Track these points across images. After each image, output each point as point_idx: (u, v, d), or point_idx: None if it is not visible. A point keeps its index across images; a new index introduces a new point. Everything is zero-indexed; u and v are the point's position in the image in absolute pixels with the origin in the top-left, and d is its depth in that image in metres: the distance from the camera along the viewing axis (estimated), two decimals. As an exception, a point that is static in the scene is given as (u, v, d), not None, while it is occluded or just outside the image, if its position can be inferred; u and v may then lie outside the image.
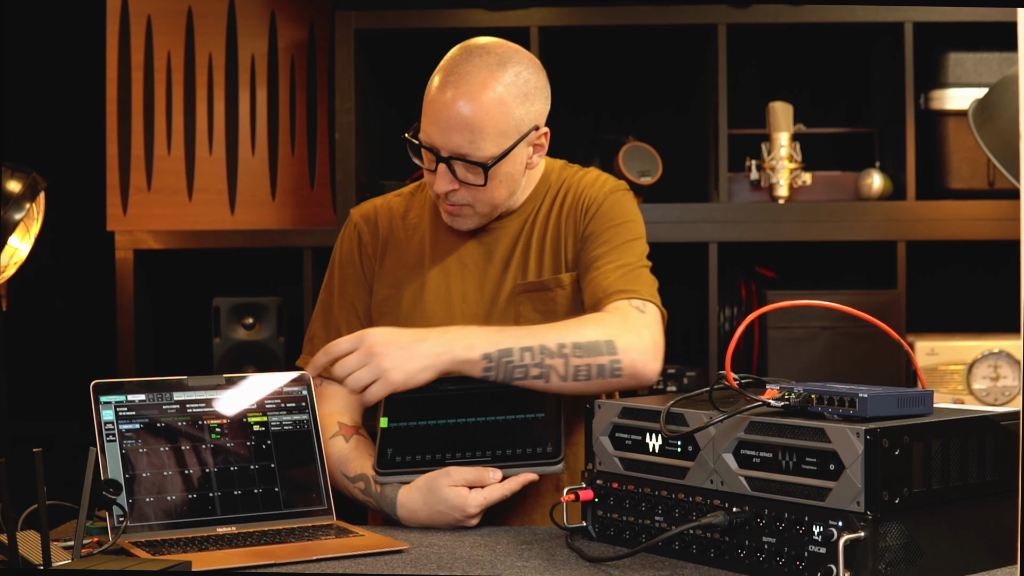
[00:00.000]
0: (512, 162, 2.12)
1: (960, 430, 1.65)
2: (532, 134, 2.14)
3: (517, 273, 2.21)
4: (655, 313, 2.11)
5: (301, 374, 2.11)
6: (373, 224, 2.28)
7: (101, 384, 1.95)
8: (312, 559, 1.79)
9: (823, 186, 3.64)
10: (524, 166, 2.16)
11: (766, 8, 3.53)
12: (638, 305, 2.09)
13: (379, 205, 2.32)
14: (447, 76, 2.09)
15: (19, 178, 2.31)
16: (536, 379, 2.01)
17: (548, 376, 2.00)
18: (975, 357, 3.36)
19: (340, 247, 2.31)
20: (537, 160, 2.19)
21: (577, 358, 2.00)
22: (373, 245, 2.27)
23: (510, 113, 2.08)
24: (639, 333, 2.05)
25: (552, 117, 2.18)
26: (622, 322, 2.05)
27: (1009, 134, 2.25)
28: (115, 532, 1.86)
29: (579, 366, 2.00)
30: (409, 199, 2.31)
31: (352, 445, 2.15)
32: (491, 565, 1.76)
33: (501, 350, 1.99)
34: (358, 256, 2.27)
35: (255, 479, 1.99)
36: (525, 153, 2.15)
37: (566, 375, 2.00)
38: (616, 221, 2.19)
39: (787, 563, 1.62)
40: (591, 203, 2.21)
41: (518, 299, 2.19)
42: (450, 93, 2.07)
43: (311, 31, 3.81)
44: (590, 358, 2.00)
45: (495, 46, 2.12)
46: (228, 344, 3.63)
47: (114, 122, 3.76)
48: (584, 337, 2.01)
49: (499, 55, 2.10)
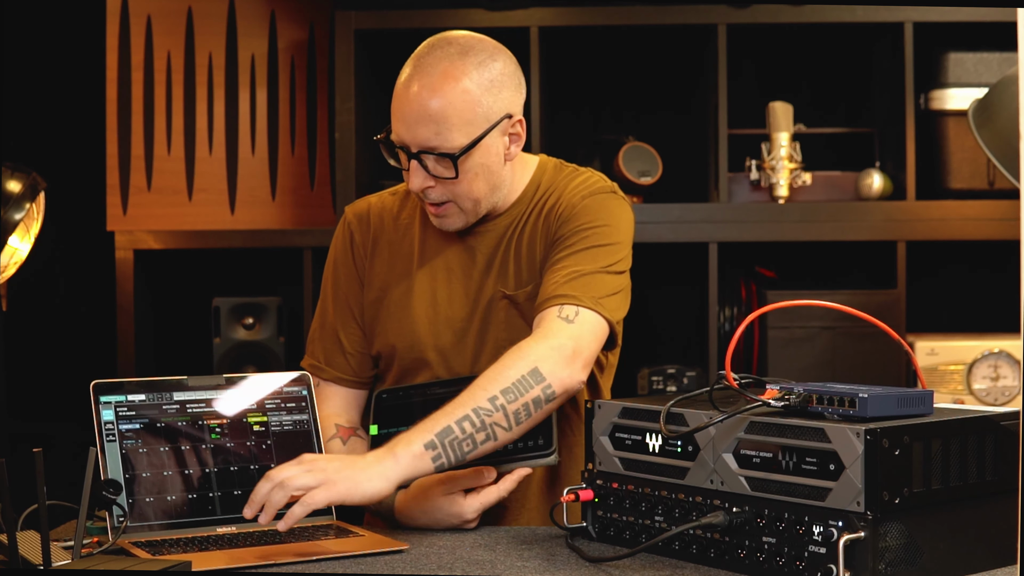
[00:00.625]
0: (485, 153, 2.07)
1: (960, 430, 1.65)
2: (504, 123, 2.08)
3: (498, 280, 2.16)
4: (587, 320, 2.01)
5: (301, 374, 2.11)
6: (365, 222, 2.27)
7: (101, 384, 1.95)
8: (312, 559, 1.79)
9: (823, 186, 3.64)
10: (501, 157, 2.10)
11: (766, 8, 3.53)
12: (567, 313, 2.00)
13: (373, 203, 2.29)
14: (412, 70, 2.06)
15: (19, 178, 2.31)
16: (485, 443, 1.90)
17: (495, 435, 1.90)
18: (975, 357, 3.36)
19: (335, 245, 2.29)
20: (515, 151, 2.13)
21: (512, 403, 1.91)
22: (364, 244, 2.25)
23: (476, 101, 2.03)
24: (559, 348, 1.96)
25: (552, 117, 2.17)
26: (542, 340, 1.98)
27: (1009, 134, 2.25)
28: (115, 532, 1.86)
29: (517, 410, 1.91)
30: (404, 198, 2.28)
31: (349, 448, 2.15)
32: (491, 565, 1.76)
33: (439, 432, 1.86)
34: (351, 254, 2.26)
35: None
36: (500, 144, 2.09)
37: (510, 425, 1.91)
38: (587, 225, 2.11)
39: (787, 563, 1.62)
40: (566, 207, 2.13)
41: (499, 305, 2.15)
42: (415, 87, 2.03)
43: (311, 31, 3.81)
44: (523, 397, 1.92)
45: (459, 37, 2.08)
46: (228, 344, 3.63)
47: (114, 122, 3.76)
48: (510, 379, 1.92)
49: (461, 45, 2.06)
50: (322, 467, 1.82)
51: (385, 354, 2.21)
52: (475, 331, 2.16)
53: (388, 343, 2.19)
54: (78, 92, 3.95)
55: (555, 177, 2.20)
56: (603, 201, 2.15)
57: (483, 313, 2.16)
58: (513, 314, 2.15)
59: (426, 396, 2.11)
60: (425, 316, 2.18)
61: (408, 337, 2.18)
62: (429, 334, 2.17)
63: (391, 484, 1.82)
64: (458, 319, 2.17)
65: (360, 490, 1.80)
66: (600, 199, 2.15)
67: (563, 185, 2.17)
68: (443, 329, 2.17)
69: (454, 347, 2.17)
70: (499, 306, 2.15)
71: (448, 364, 2.17)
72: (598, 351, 2.06)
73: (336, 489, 1.79)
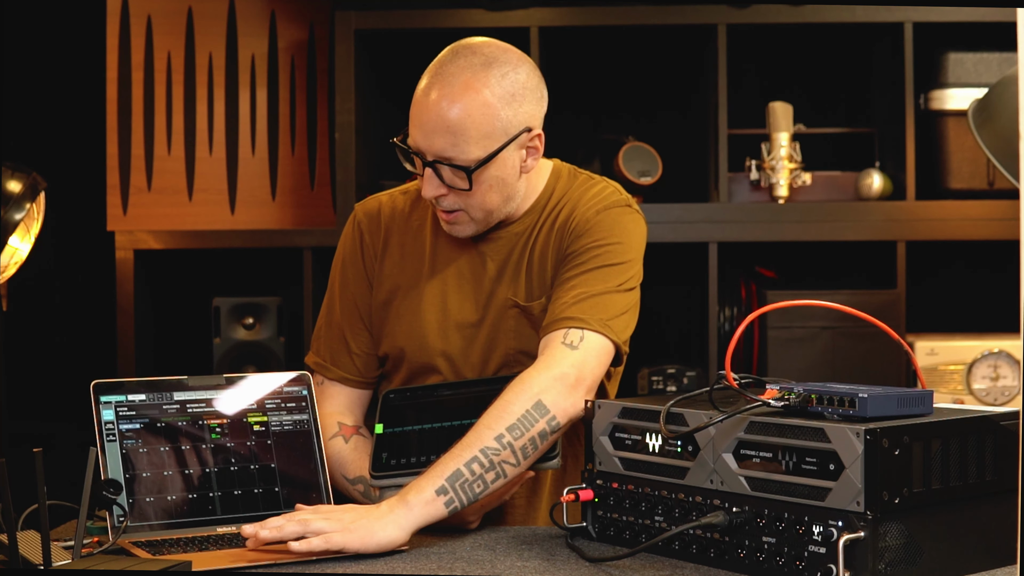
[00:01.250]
0: (501, 166, 2.04)
1: (960, 430, 1.65)
2: (523, 136, 2.05)
3: (509, 288, 2.14)
4: (592, 345, 2.00)
5: (301, 374, 2.11)
6: (376, 221, 2.24)
7: (101, 384, 1.95)
8: (312, 559, 1.79)
9: (823, 186, 3.64)
10: (517, 170, 2.07)
11: (766, 8, 3.53)
12: (572, 339, 1.99)
13: (384, 202, 2.26)
14: (432, 78, 2.03)
15: (19, 178, 2.31)
16: (495, 481, 1.90)
17: (504, 472, 1.90)
18: (975, 357, 3.36)
19: (343, 244, 2.27)
20: (532, 164, 2.10)
21: (519, 439, 1.90)
22: (374, 243, 2.23)
23: (495, 115, 2.00)
24: (562, 378, 1.95)
25: (552, 117, 2.16)
26: (545, 370, 1.97)
27: (1009, 134, 2.25)
28: (115, 532, 1.86)
29: (524, 445, 1.91)
30: (415, 199, 2.25)
31: (352, 446, 2.15)
32: (491, 565, 1.76)
33: (449, 477, 1.86)
34: (360, 253, 2.24)
35: (255, 479, 1.99)
36: (517, 157, 2.06)
37: (518, 460, 1.91)
38: (600, 242, 2.09)
39: (787, 563, 1.62)
40: (580, 221, 2.10)
41: (509, 313, 2.14)
42: (434, 95, 2.00)
43: (311, 31, 3.81)
44: (529, 432, 1.91)
45: (483, 46, 2.04)
46: (228, 344, 3.63)
47: (114, 122, 3.76)
48: (514, 415, 1.91)
49: (485, 55, 2.02)
50: (339, 516, 1.83)
51: (393, 355, 2.20)
52: (484, 337, 2.15)
53: (396, 345, 2.19)
54: (78, 92, 3.95)
55: (569, 185, 2.17)
56: (617, 216, 2.12)
57: (493, 320, 2.15)
58: (523, 323, 2.13)
59: (433, 398, 2.11)
60: (435, 321, 2.17)
61: (417, 340, 2.17)
62: (438, 339, 2.16)
63: (405, 532, 1.83)
64: (467, 325, 2.16)
65: (375, 539, 1.81)
66: (615, 214, 2.12)
67: (577, 196, 2.14)
68: (452, 334, 2.16)
69: (462, 352, 2.16)
70: (509, 314, 2.14)
71: (456, 369, 2.16)
72: (603, 373, 2.05)
73: (352, 537, 1.80)
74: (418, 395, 2.13)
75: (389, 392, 2.15)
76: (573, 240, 2.10)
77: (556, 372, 1.96)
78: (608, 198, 2.14)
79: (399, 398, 2.14)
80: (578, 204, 2.13)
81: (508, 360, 2.13)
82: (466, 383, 2.11)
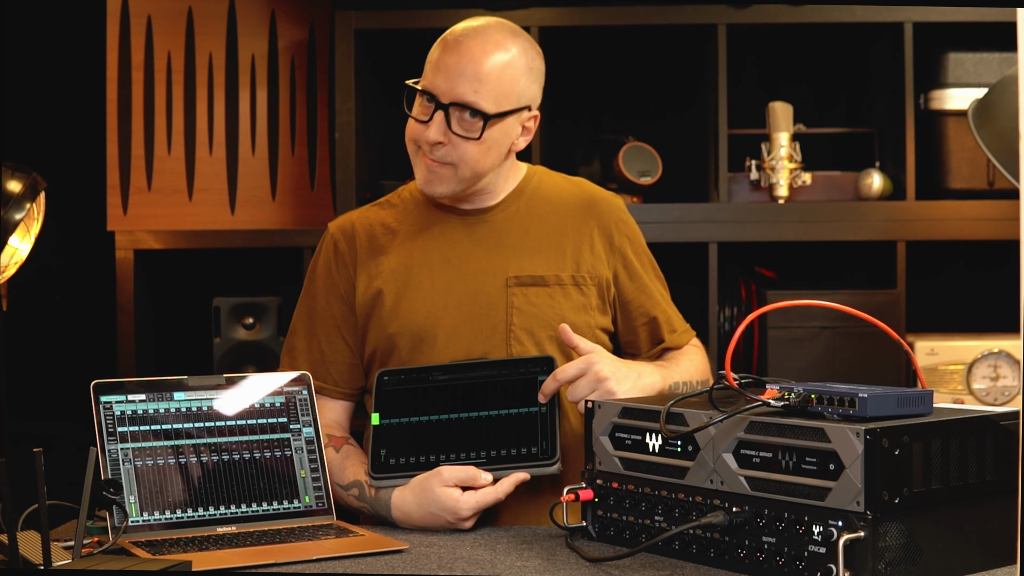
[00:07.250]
0: (504, 130, 2.16)
1: (960, 430, 1.65)
2: (525, 112, 2.18)
3: (508, 265, 2.21)
4: None
5: (302, 374, 2.11)
6: (350, 235, 2.28)
7: (101, 384, 1.95)
8: (312, 559, 1.79)
9: (823, 186, 3.64)
10: (511, 144, 2.19)
11: (766, 8, 3.53)
12: (697, 342, 2.38)
13: (356, 218, 2.32)
14: (464, 32, 2.14)
15: (19, 178, 2.31)
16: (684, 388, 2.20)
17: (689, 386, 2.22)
18: (975, 357, 3.36)
19: (316, 260, 2.31)
20: (523, 143, 2.22)
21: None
22: (351, 254, 2.26)
23: (516, 78, 2.14)
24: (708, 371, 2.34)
25: (552, 117, 2.19)
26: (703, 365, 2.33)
27: (1009, 134, 2.25)
28: (115, 532, 1.86)
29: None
30: (387, 206, 2.32)
31: (343, 455, 2.16)
32: (491, 565, 1.76)
33: (672, 385, 2.17)
34: (335, 266, 2.27)
35: (255, 479, 1.99)
36: (515, 131, 2.18)
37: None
38: (643, 243, 2.35)
39: (787, 563, 1.62)
40: (619, 219, 2.31)
41: (511, 291, 2.19)
42: (467, 43, 2.11)
43: (311, 31, 3.81)
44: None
45: (509, 23, 2.19)
46: (228, 344, 3.63)
47: (114, 122, 3.76)
48: (704, 375, 2.29)
49: (512, 28, 2.18)
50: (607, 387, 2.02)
51: (382, 348, 2.22)
52: (478, 317, 2.19)
53: (386, 334, 2.20)
54: (78, 92, 3.95)
55: (540, 173, 2.33)
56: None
57: (489, 301, 2.20)
58: (523, 301, 2.19)
59: (428, 382, 2.11)
60: (424, 306, 2.20)
61: (409, 325, 2.20)
62: (428, 324, 2.19)
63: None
64: (457, 305, 2.20)
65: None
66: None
67: (577, 182, 2.35)
68: (444, 317, 2.18)
69: (453, 333, 2.19)
70: (509, 292, 2.20)
71: (451, 352, 2.18)
72: None
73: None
74: (413, 378, 2.13)
75: (383, 373, 2.15)
76: (624, 239, 2.30)
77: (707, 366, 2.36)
78: (611, 194, 2.36)
79: (393, 380, 2.14)
80: (589, 190, 2.33)
81: (507, 338, 2.19)
82: (460, 366, 2.12)
